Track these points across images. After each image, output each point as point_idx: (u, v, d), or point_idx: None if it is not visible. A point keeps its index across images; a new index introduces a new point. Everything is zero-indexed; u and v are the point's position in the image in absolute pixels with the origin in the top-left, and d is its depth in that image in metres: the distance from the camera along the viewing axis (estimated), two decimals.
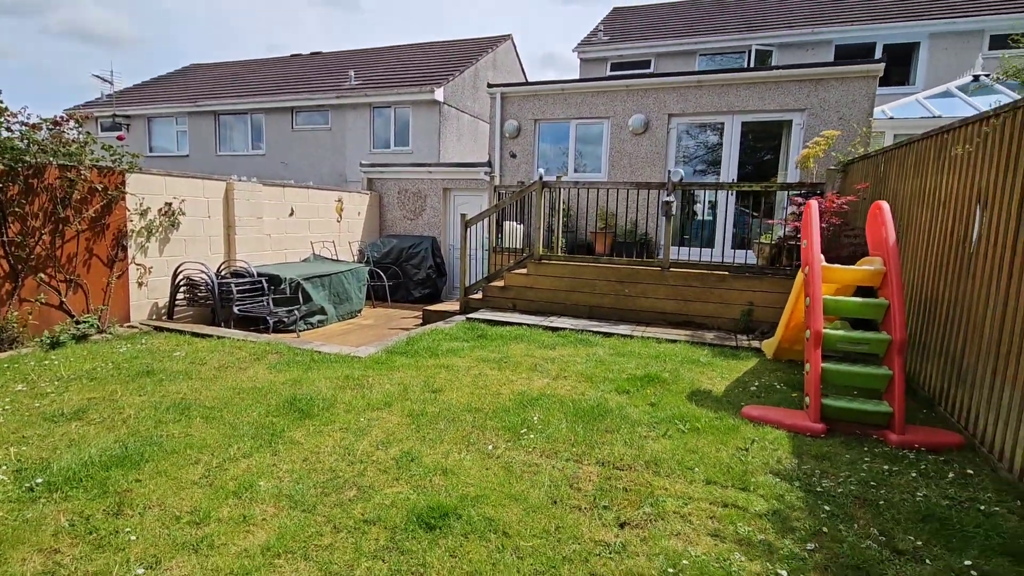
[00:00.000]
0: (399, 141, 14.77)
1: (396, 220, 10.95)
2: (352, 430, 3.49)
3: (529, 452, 3.23)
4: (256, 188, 8.09)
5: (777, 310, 6.28)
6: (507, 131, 9.74)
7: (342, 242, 10.05)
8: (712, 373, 4.89)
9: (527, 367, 5.02)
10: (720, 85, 8.47)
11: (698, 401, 4.13)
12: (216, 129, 16.88)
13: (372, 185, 11.11)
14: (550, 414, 3.79)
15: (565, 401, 4.06)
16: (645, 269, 6.89)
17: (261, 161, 16.23)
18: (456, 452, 3.21)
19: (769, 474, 3.00)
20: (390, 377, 4.62)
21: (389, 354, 5.40)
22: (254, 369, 4.86)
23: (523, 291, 7.52)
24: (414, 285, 10.09)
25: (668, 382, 4.56)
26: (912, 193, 4.90)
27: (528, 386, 4.44)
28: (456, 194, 10.60)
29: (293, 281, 7.24)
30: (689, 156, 8.95)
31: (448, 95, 14.36)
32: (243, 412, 3.76)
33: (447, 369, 4.89)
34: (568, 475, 2.96)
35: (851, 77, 7.81)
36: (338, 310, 8.10)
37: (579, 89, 9.31)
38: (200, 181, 7.33)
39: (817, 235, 3.99)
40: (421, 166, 10.67)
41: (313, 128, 15.83)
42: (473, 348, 5.66)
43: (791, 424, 3.60)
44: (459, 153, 15.07)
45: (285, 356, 5.29)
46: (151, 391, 4.19)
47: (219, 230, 7.67)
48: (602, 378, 4.67)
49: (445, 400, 4.07)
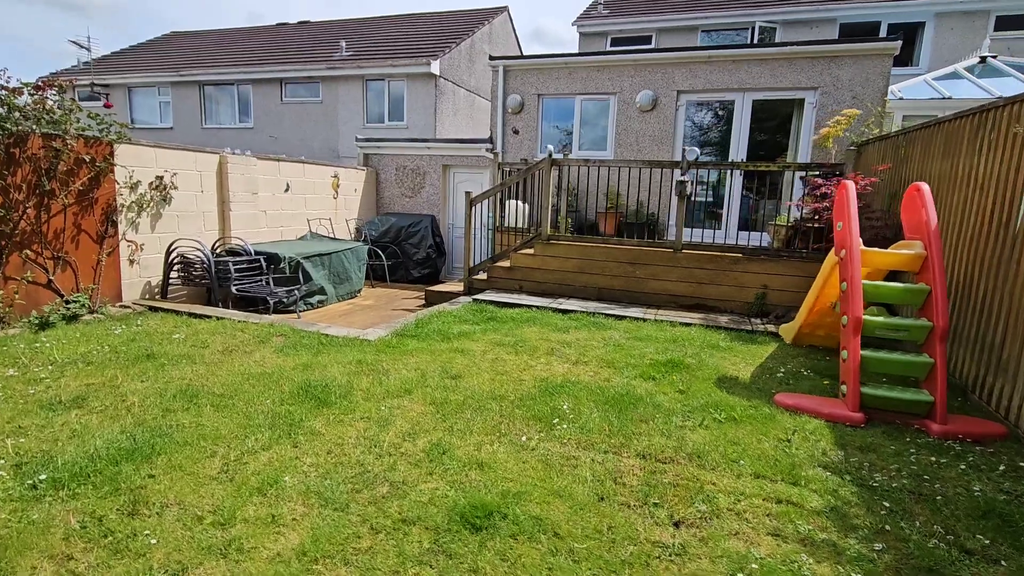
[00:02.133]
0: (394, 116, 14.31)
1: (394, 197, 10.62)
2: (375, 420, 3.31)
3: (564, 444, 3.08)
4: (250, 162, 7.72)
5: (792, 293, 6.18)
6: (510, 106, 9.42)
7: (339, 220, 9.73)
8: (734, 358, 4.78)
9: (544, 351, 4.86)
10: (731, 61, 8.23)
11: (727, 388, 4.01)
12: (201, 100, 16.21)
13: (369, 161, 10.74)
14: (579, 402, 3.65)
15: (591, 388, 3.91)
16: (657, 250, 6.73)
17: (249, 135, 15.65)
18: (488, 444, 3.05)
19: (818, 467, 2.88)
20: (405, 362, 4.43)
21: (400, 337, 5.20)
22: (260, 353, 4.63)
23: (530, 272, 7.33)
24: (413, 265, 9.83)
25: (692, 368, 4.44)
26: (941, 175, 4.77)
27: (549, 372, 4.28)
28: (456, 171, 10.29)
29: (293, 260, 6.96)
30: (697, 135, 8.74)
31: (444, 68, 13.90)
32: (256, 400, 3.55)
33: (462, 353, 4.72)
34: (610, 469, 2.82)
35: (866, 55, 7.62)
36: (338, 290, 7.84)
37: (584, 63, 9.00)
38: (192, 154, 6.96)
39: (855, 217, 3.85)
40: (420, 142, 10.31)
41: (303, 101, 15.27)
42: (485, 331, 5.48)
43: (829, 413, 3.49)
44: (455, 129, 14.67)
45: (291, 339, 5.06)
46: (154, 376, 3.95)
47: (213, 206, 7.32)
48: (624, 363, 4.53)
49: (467, 387, 3.90)
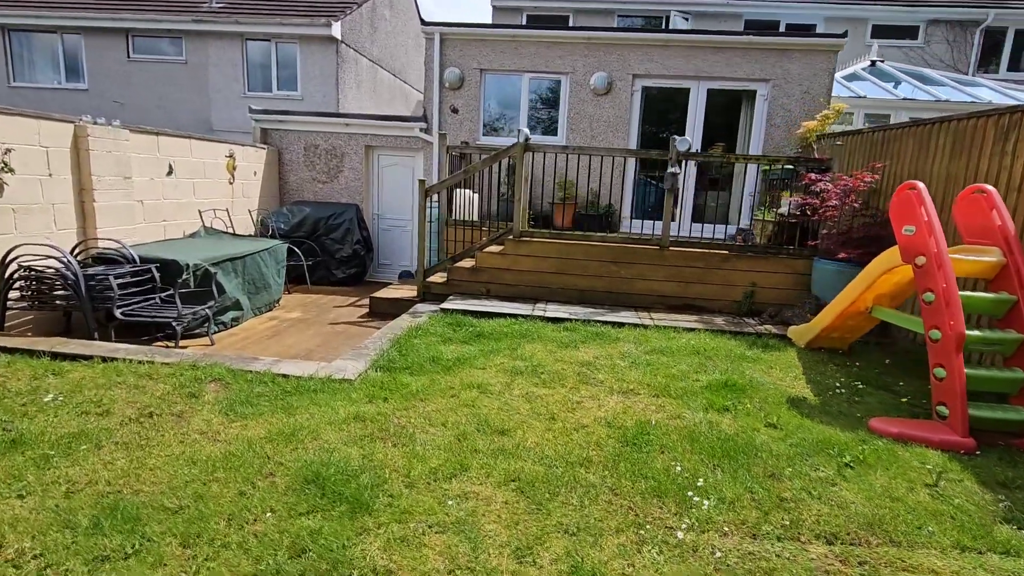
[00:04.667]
0: (285, 84, 12.17)
1: (303, 183, 8.89)
2: (452, 527, 2.27)
3: (723, 532, 2.33)
4: (120, 135, 5.74)
5: (780, 291, 6.03)
6: (448, 80, 8.24)
7: (238, 210, 7.86)
8: (773, 371, 4.37)
9: (573, 378, 4.05)
10: (688, 47, 7.92)
11: (809, 414, 3.55)
12: (6, 49, 12.47)
13: (268, 138, 8.84)
14: (679, 457, 2.91)
15: (672, 431, 3.21)
16: (642, 248, 6.19)
17: (83, 99, 12.39)
18: (633, 548, 2.20)
19: (1003, 523, 2.47)
20: (420, 413, 3.34)
21: (387, 372, 4.03)
22: (199, 415, 3.22)
23: (499, 273, 6.40)
24: (336, 264, 8.30)
25: (748, 389, 3.92)
26: (949, 175, 4.76)
27: (604, 410, 3.49)
28: (382, 153, 8.86)
29: (199, 268, 5.27)
30: (650, 123, 8.37)
31: (346, 33, 12.09)
32: (242, 514, 2.29)
33: (482, 391, 3.73)
34: (809, 567, 2.13)
35: (814, 50, 7.75)
36: (254, 301, 6.22)
37: (533, 38, 8.13)
38: (34, 122, 4.91)
39: (936, 220, 3.54)
40: (337, 116, 8.69)
41: (160, 60, 12.41)
42: (485, 354, 4.50)
43: (940, 441, 3.16)
44: (358, 104, 12.93)
45: (233, 386, 3.66)
46: (38, 486, 2.45)
47: (68, 196, 5.30)
48: (676, 390, 3.89)
49: (528, 448, 2.97)
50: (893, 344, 5.21)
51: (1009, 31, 13.09)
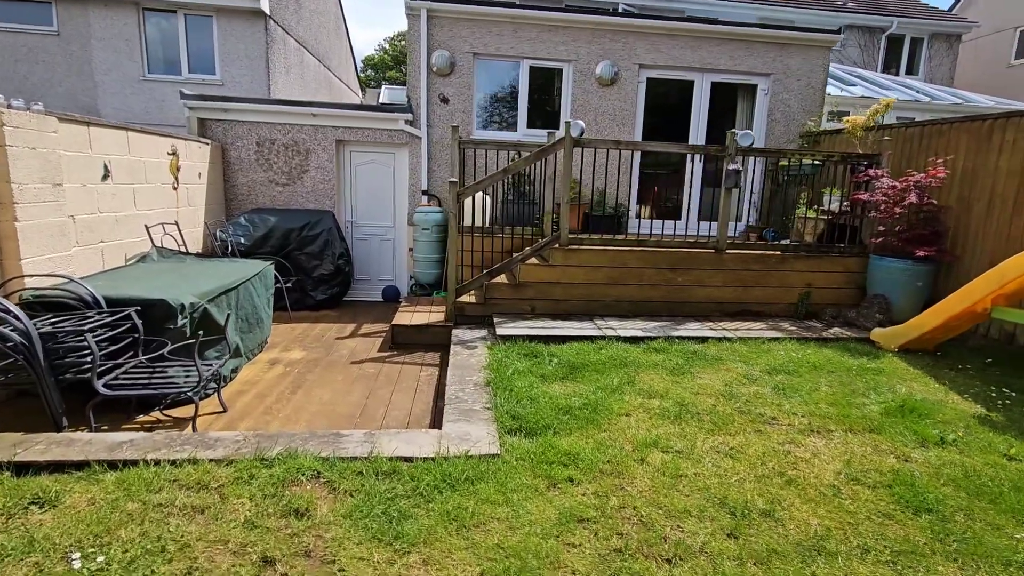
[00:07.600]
0: (198, 67, 10.12)
1: (256, 186, 7.25)
2: None
3: None
4: (46, 124, 4.04)
5: (834, 291, 5.87)
6: (437, 64, 7.12)
7: (188, 222, 6.15)
8: (915, 384, 4.08)
9: (738, 418, 3.42)
10: (694, 37, 7.58)
11: (1017, 434, 3.24)
12: None
13: (208, 131, 7.08)
14: (996, 518, 2.40)
15: (938, 481, 2.71)
16: (698, 252, 5.70)
17: None
18: None
19: None
20: (632, 496, 2.51)
21: (527, 436, 3.10)
22: (343, 551, 2.12)
23: (546, 288, 5.57)
24: (314, 284, 6.85)
25: (926, 410, 3.55)
26: (1021, 169, 4.81)
27: (830, 461, 2.91)
28: (355, 149, 7.49)
29: (196, 307, 3.84)
30: (652, 116, 7.92)
31: (274, 7, 10.30)
32: None
33: (663, 450, 2.98)
34: None
35: (812, 45, 7.77)
36: (246, 342, 4.79)
37: (534, 20, 7.28)
38: None
39: None
40: (299, 106, 7.15)
41: (22, 29, 9.73)
42: (607, 392, 3.70)
43: None
44: (287, 93, 11.16)
45: (342, 485, 2.55)
46: None
47: None
48: (859, 420, 3.41)
49: (820, 536, 2.28)
50: (964, 342, 5.20)
51: (906, 39, 14.60)
